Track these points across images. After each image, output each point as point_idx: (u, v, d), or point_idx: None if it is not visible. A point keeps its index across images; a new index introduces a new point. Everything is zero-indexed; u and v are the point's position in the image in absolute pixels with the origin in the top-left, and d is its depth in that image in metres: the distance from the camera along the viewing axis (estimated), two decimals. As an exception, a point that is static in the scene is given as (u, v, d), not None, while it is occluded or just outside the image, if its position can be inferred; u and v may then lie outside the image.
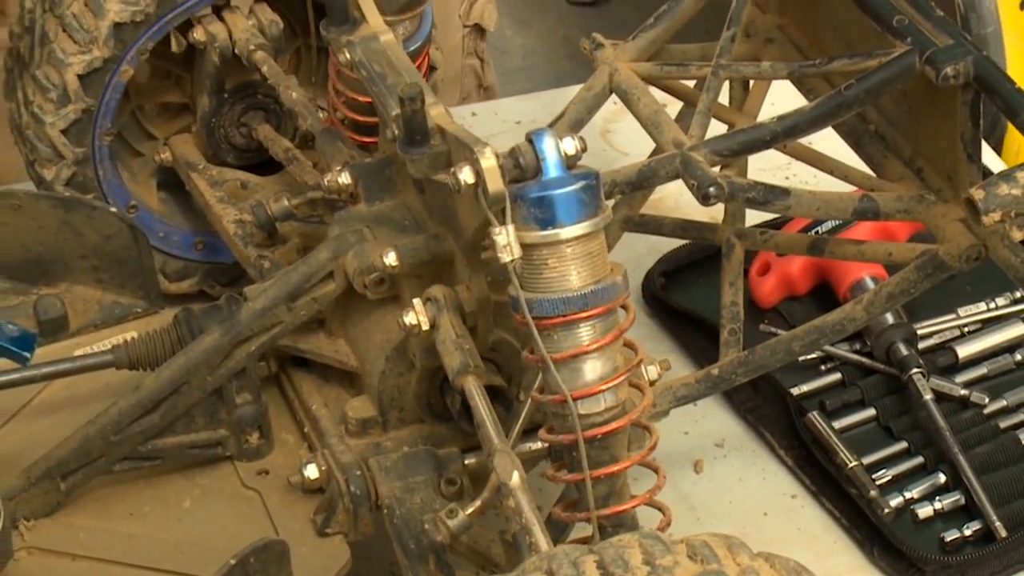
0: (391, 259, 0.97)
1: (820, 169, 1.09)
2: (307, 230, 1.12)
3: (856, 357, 1.25)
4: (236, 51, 1.18)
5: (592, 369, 0.88)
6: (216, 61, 1.17)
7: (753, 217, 1.12)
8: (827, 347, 1.24)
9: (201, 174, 1.19)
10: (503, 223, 0.85)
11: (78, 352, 1.05)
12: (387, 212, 1.02)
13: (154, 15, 1.14)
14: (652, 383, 1.04)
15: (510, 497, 0.89)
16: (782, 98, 1.12)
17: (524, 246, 0.85)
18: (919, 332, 1.25)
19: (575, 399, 0.87)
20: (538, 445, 0.97)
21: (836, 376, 1.24)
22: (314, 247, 1.09)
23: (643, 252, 1.30)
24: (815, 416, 1.20)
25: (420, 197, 1.01)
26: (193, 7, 1.18)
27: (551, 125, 0.96)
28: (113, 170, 1.20)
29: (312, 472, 0.99)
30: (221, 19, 1.19)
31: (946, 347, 1.26)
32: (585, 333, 0.87)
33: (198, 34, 1.18)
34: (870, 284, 1.28)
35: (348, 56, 1.00)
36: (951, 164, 0.99)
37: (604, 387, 0.88)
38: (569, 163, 0.87)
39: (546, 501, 0.98)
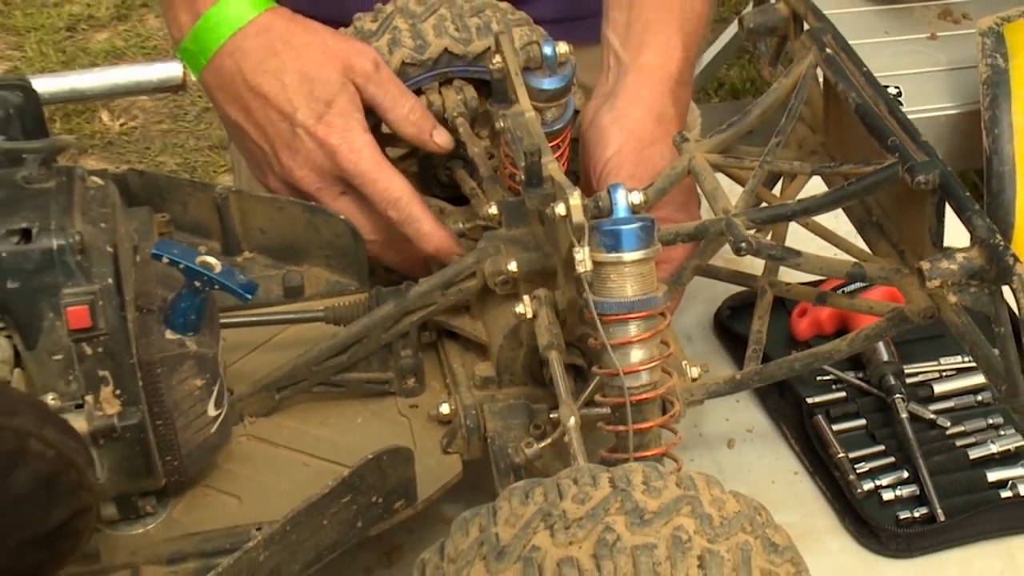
0: (512, 266, 1.06)
1: (830, 242, 1.14)
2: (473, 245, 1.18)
3: (857, 382, 1.31)
4: (445, 116, 1.25)
5: (636, 354, 0.96)
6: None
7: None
8: (838, 373, 1.30)
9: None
10: (581, 245, 0.94)
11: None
12: (518, 236, 1.10)
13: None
14: (694, 379, 1.10)
15: (567, 435, 0.97)
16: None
17: (595, 263, 0.95)
18: (907, 371, 1.30)
19: (624, 374, 0.96)
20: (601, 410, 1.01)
21: (841, 394, 1.30)
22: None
23: (720, 292, 1.38)
24: (820, 418, 1.27)
25: (541, 227, 1.08)
26: (424, 80, 1.25)
27: (644, 189, 1.03)
28: None
29: (445, 409, 1.08)
30: (440, 92, 1.26)
31: (925, 384, 1.31)
32: (633, 328, 0.95)
33: (428, 99, 1.25)
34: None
35: (501, 124, 1.09)
36: (923, 249, 1.04)
37: (643, 368, 0.96)
38: (634, 209, 0.98)
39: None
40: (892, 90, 2.21)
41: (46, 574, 0.92)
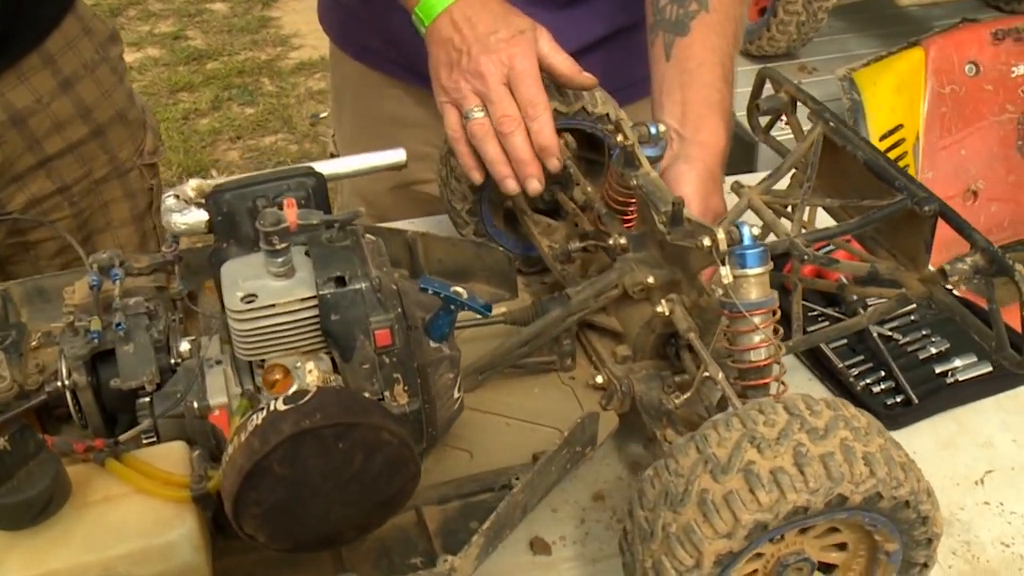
0: (651, 279, 1.01)
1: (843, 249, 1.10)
2: (584, 258, 1.14)
3: (837, 314, 1.27)
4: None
5: (758, 336, 0.91)
6: None
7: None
8: (823, 309, 1.27)
9: (530, 218, 1.19)
10: (724, 265, 0.90)
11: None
12: (643, 258, 1.04)
13: None
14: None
15: (719, 383, 0.91)
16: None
17: (733, 276, 0.91)
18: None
19: (751, 349, 0.91)
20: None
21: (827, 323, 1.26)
22: (589, 267, 1.13)
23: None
24: (827, 349, 1.23)
25: (661, 251, 1.03)
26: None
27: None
28: (490, 209, 1.21)
29: (600, 379, 1.03)
30: None
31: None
32: (757, 319, 0.90)
33: None
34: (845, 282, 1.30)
35: (635, 182, 1.02)
36: (913, 253, 1.01)
37: (762, 345, 0.91)
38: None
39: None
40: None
41: (382, 523, 0.84)
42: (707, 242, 0.90)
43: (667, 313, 0.98)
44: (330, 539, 0.81)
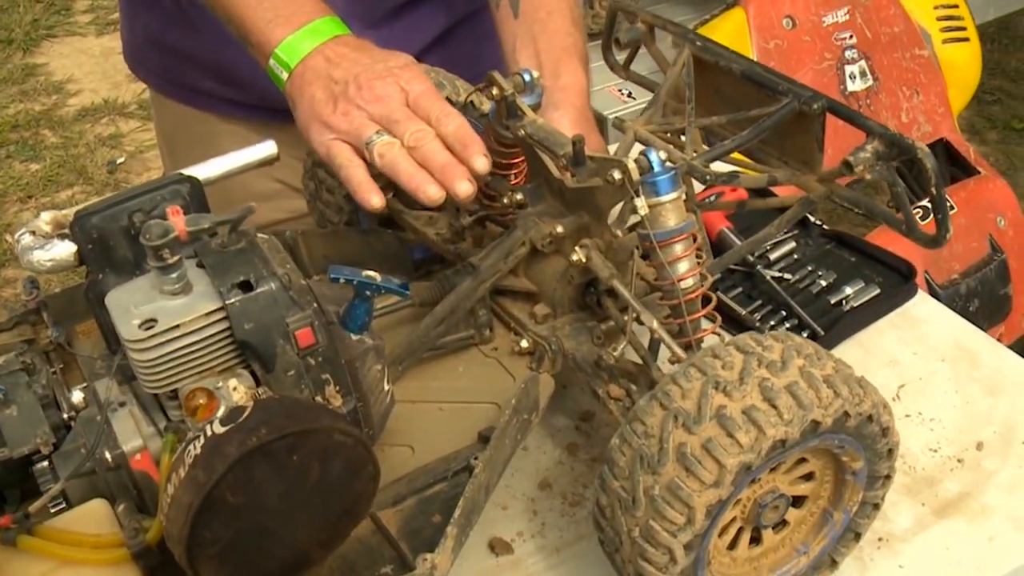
0: (559, 229, 0.97)
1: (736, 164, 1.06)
2: (475, 235, 1.10)
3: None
4: None
5: (683, 265, 0.89)
6: None
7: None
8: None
9: (408, 214, 1.13)
10: (639, 195, 0.87)
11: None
12: (543, 210, 1.00)
13: None
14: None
15: (655, 333, 0.89)
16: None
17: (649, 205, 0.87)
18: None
19: (678, 281, 0.89)
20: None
21: (718, 275, 1.24)
22: (483, 241, 1.08)
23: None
24: (719, 293, 1.21)
25: (561, 199, 0.99)
26: None
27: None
28: (366, 214, 1.13)
29: (525, 343, 0.99)
30: None
31: (764, 255, 1.30)
32: (679, 248, 0.89)
33: None
34: (727, 232, 1.31)
35: (523, 132, 0.98)
36: (806, 156, 1.00)
37: (689, 274, 0.90)
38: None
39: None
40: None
41: (348, 534, 0.77)
42: (618, 175, 0.87)
43: (584, 260, 0.95)
44: (297, 564, 0.75)
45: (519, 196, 1.02)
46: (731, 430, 0.74)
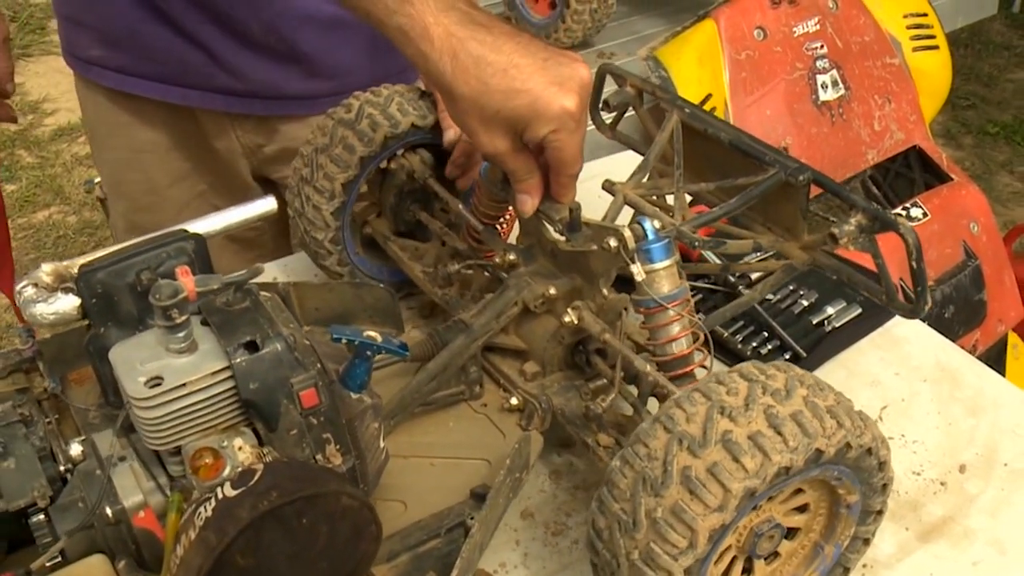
0: (552, 291, 1.00)
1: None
2: (462, 278, 1.12)
3: (708, 286, 1.28)
4: (416, 175, 1.14)
5: (676, 327, 0.92)
6: (403, 177, 1.15)
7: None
8: (696, 284, 1.26)
9: (395, 243, 1.15)
10: (634, 262, 0.90)
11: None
12: (536, 270, 1.03)
13: (378, 152, 1.11)
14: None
15: (650, 375, 0.91)
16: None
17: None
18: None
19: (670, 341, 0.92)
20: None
21: (699, 296, 1.26)
22: (470, 287, 1.11)
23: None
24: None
25: (553, 261, 1.02)
26: (399, 147, 1.14)
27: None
28: (351, 235, 1.17)
29: (515, 400, 1.01)
30: (406, 157, 1.15)
31: (744, 276, 1.28)
32: (672, 311, 0.91)
33: (394, 164, 1.15)
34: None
35: None
36: (790, 223, 1.03)
37: (682, 335, 0.92)
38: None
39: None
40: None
41: (349, 594, 0.78)
42: (614, 243, 0.90)
43: (576, 321, 0.97)
44: (299, 624, 0.75)
45: (512, 256, 1.04)
46: (737, 455, 0.75)
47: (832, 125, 2.18)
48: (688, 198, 1.12)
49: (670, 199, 1.06)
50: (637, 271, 0.90)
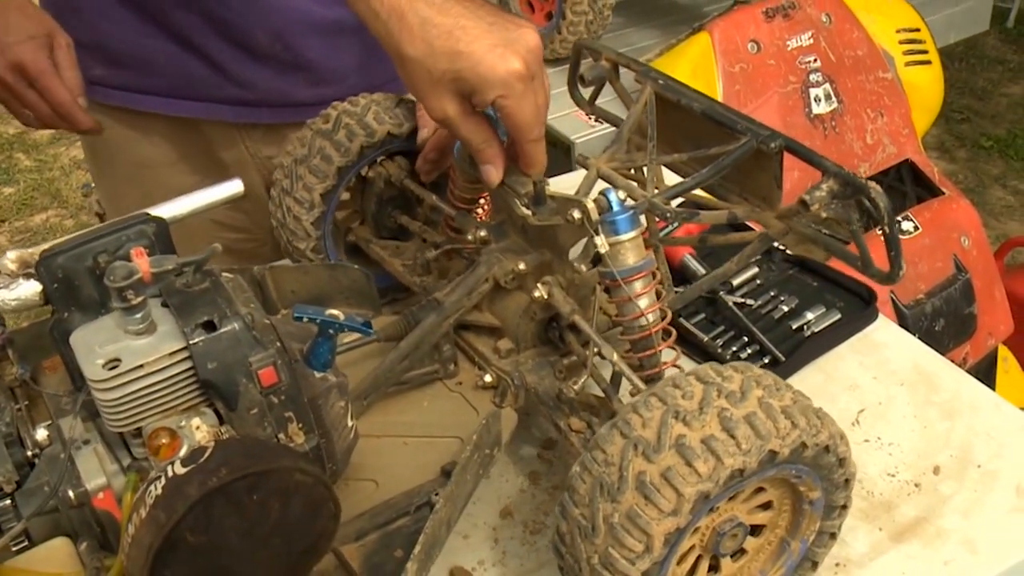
0: (522, 266, 0.99)
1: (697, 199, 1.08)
2: (441, 267, 1.12)
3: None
4: (393, 180, 1.15)
5: (643, 301, 0.91)
6: (381, 184, 1.15)
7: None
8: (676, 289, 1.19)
9: (376, 244, 1.17)
10: (598, 234, 0.89)
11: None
12: (506, 246, 1.02)
13: (355, 162, 1.12)
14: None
15: (616, 365, 0.90)
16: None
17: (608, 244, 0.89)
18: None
19: (639, 316, 0.91)
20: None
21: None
22: (448, 275, 1.11)
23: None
24: (682, 320, 1.25)
25: (524, 236, 1.02)
26: (377, 155, 1.14)
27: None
28: (333, 243, 1.17)
29: (488, 378, 1.00)
30: (383, 165, 1.15)
31: (726, 282, 1.30)
32: (638, 284, 0.90)
33: (372, 172, 1.15)
34: (690, 259, 1.34)
35: None
36: (765, 193, 1.02)
37: (649, 310, 0.91)
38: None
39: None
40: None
41: (308, 571, 0.78)
42: (577, 214, 0.89)
43: (545, 296, 0.97)
44: (258, 602, 0.75)
45: (483, 233, 1.04)
46: (690, 459, 0.75)
47: (825, 138, 2.19)
48: (663, 171, 1.11)
49: (646, 171, 1.06)
50: (600, 243, 0.89)
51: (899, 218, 2.15)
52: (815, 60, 2.20)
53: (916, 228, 2.10)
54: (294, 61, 1.37)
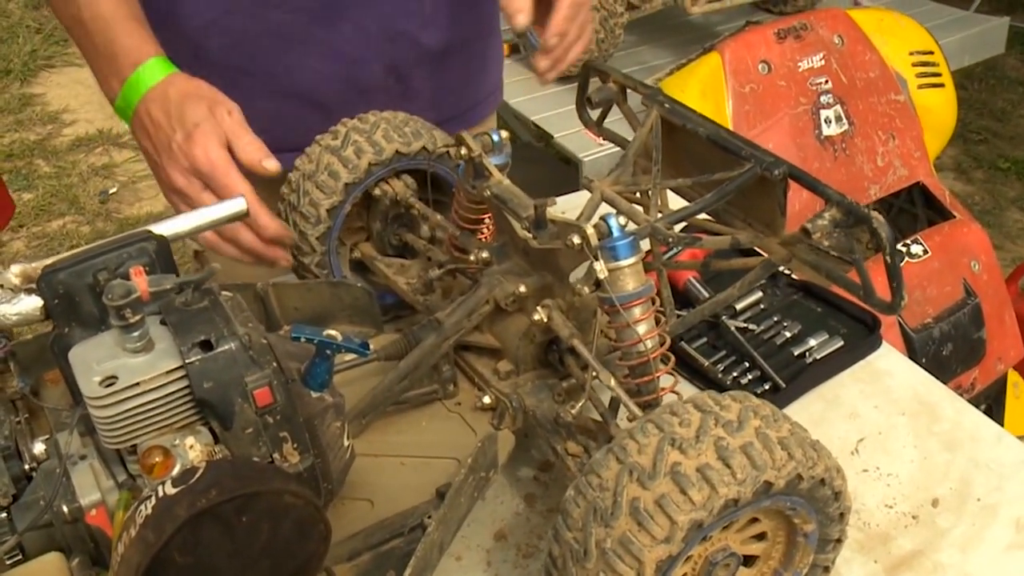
0: (522, 289, 0.99)
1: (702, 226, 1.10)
2: (445, 285, 1.12)
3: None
4: (399, 199, 1.15)
5: (642, 327, 0.90)
6: (387, 203, 1.15)
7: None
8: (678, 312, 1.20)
9: (381, 261, 1.17)
10: (598, 260, 0.89)
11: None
12: (508, 268, 1.03)
13: (362, 179, 1.12)
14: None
15: (613, 390, 0.90)
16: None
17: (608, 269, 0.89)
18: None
19: (638, 343, 0.90)
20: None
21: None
22: (451, 293, 1.11)
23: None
24: (683, 344, 1.25)
25: (525, 258, 1.02)
26: (384, 174, 1.14)
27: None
28: (338, 259, 1.17)
29: (487, 399, 1.00)
30: (389, 183, 1.15)
31: (730, 306, 1.30)
32: (637, 310, 0.90)
33: (378, 190, 1.15)
34: (693, 282, 1.33)
35: (489, 193, 1.00)
36: (769, 219, 1.03)
37: (648, 336, 0.90)
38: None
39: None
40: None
41: (299, 593, 0.79)
42: (577, 240, 0.89)
43: (545, 320, 0.96)
44: (246, 623, 0.75)
45: (485, 254, 1.04)
46: (684, 487, 0.75)
47: (835, 160, 2.19)
48: (668, 194, 1.11)
49: (651, 195, 1.06)
50: (600, 268, 0.88)
51: (909, 241, 2.14)
52: (826, 81, 2.20)
53: (925, 251, 2.09)
54: (403, 92, 1.39)
